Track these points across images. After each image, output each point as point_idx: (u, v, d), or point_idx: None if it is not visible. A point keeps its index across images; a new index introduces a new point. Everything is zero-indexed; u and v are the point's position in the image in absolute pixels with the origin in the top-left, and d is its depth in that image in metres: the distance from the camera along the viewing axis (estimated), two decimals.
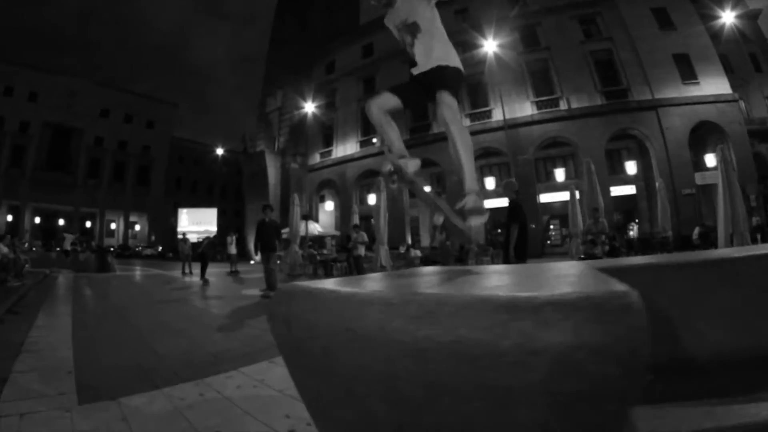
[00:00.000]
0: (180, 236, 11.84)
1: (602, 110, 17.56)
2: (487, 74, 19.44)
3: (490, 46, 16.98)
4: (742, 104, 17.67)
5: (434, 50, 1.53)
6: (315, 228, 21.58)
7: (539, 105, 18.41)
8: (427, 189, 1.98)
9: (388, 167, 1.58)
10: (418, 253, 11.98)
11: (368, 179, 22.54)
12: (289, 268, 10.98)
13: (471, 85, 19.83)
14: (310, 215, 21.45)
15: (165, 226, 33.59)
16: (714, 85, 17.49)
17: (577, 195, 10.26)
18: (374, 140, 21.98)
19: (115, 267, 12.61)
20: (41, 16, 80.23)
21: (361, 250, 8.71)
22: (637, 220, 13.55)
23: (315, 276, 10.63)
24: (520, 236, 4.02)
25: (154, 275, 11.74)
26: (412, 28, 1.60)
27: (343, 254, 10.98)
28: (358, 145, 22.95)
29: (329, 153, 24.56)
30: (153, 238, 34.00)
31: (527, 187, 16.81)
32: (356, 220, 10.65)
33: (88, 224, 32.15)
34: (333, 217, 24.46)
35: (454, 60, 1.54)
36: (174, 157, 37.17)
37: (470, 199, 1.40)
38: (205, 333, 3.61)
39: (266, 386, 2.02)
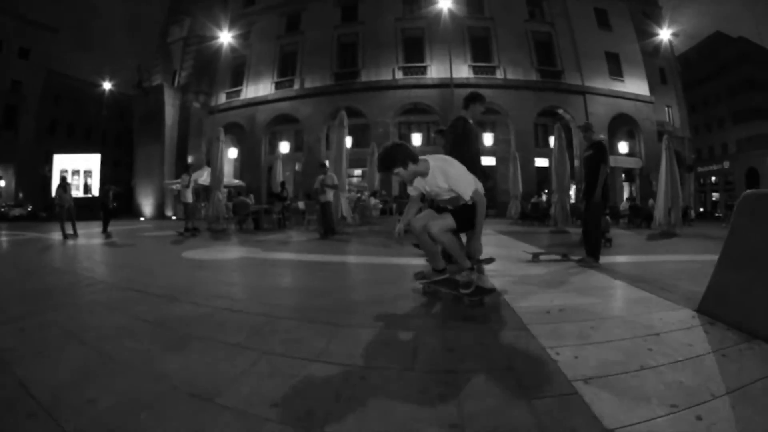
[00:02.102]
0: (60, 181, 8.61)
1: (536, 85, 17.37)
2: (426, 30, 18.19)
3: (444, 3, 15.92)
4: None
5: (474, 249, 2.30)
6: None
7: (476, 70, 17.53)
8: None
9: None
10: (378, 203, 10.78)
11: (282, 125, 19.36)
12: (211, 221, 9.51)
13: (409, 38, 18.35)
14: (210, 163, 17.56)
15: (36, 180, 26.34)
16: (635, 85, 18.72)
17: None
18: (295, 83, 19.06)
19: None
20: None
21: (330, 195, 7.29)
22: (546, 190, 13.94)
23: (241, 231, 9.22)
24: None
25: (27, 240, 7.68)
26: (453, 202, 2.28)
27: (278, 204, 10.19)
28: (273, 86, 19.69)
29: (237, 93, 20.82)
30: (21, 195, 26.58)
31: (458, 147, 15.44)
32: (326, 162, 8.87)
33: None
34: (233, 167, 20.60)
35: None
36: (48, 96, 29.49)
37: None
38: None
39: None
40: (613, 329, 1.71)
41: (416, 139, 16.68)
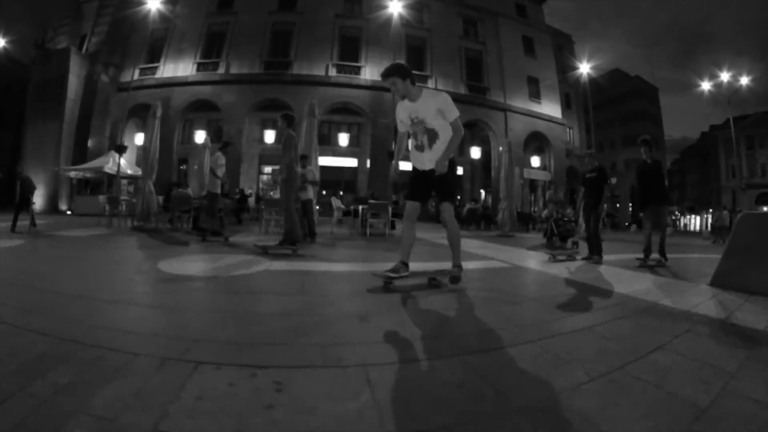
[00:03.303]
0: None
1: (464, 98, 18.57)
2: (364, 30, 18.46)
3: (394, 7, 16.31)
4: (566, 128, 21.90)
5: (442, 160, 2.51)
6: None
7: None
8: None
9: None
10: (341, 204, 10.16)
11: (198, 112, 18.00)
12: (139, 218, 8.20)
13: (346, 36, 18.42)
14: (122, 147, 15.56)
15: None
16: (550, 107, 21.20)
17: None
18: (220, 66, 17.87)
19: None
20: None
21: (311, 193, 6.37)
22: (475, 198, 15.35)
23: (174, 230, 7.89)
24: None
25: None
26: (430, 134, 2.58)
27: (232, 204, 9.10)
28: (195, 67, 18.24)
29: (153, 71, 18.85)
30: None
31: (382, 152, 15.96)
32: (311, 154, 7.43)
33: None
34: (136, 154, 18.61)
35: (452, 169, 2.66)
36: None
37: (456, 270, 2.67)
38: None
39: None
40: (679, 296, 2.59)
41: (343, 139, 16.74)
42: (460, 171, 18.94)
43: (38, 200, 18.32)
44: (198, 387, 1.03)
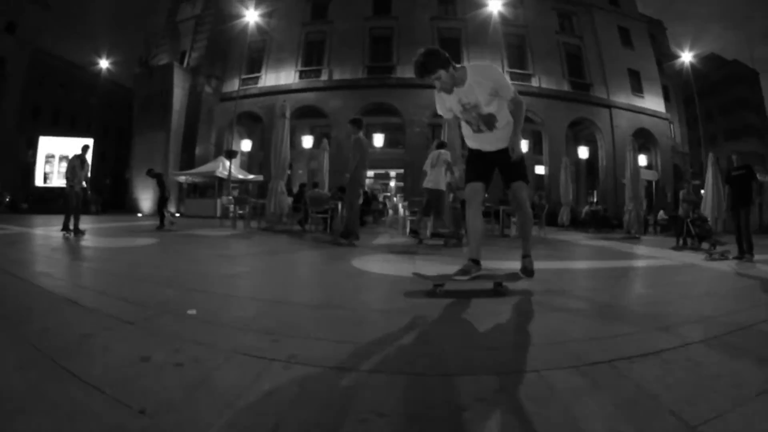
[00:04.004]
0: (81, 151, 6.36)
1: (568, 96, 18.07)
2: (463, 31, 18.39)
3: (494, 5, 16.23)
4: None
5: (516, 140, 2.23)
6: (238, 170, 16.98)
7: (513, 76, 17.94)
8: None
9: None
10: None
11: (303, 119, 18.72)
12: (271, 219, 8.22)
13: (445, 38, 18.43)
14: (233, 152, 16.70)
15: (15, 168, 23.94)
16: (653, 102, 20.08)
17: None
18: (323, 73, 18.52)
19: None
20: None
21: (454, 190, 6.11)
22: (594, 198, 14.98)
23: (304, 231, 7.87)
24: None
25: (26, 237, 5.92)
26: (487, 119, 2.21)
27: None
28: (297, 75, 19.00)
29: (255, 80, 19.86)
30: None
31: None
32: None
33: None
34: (241, 160, 19.77)
35: (523, 149, 2.33)
36: (34, 78, 26.53)
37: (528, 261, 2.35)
38: None
39: None
40: None
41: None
42: (539, 170, 18.29)
43: (146, 203, 20.12)
44: None
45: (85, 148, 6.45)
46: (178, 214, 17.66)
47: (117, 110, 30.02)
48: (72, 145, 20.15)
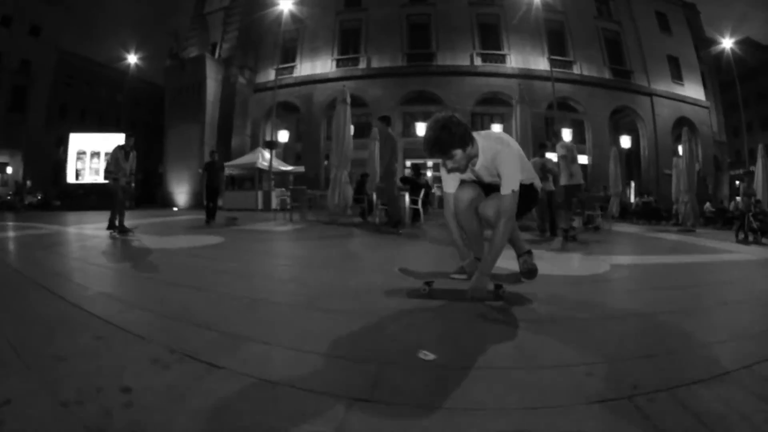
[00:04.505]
0: (125, 141, 5.81)
1: (610, 84, 17.93)
2: (502, 17, 18.19)
3: None
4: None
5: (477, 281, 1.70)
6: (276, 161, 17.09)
7: (554, 63, 17.81)
8: None
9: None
10: None
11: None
12: (335, 212, 7.78)
13: (484, 24, 18.27)
14: (273, 143, 16.80)
15: (46, 166, 24.75)
16: (693, 90, 19.87)
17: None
18: (360, 61, 18.51)
19: None
20: None
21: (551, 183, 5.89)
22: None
23: (365, 223, 7.40)
24: None
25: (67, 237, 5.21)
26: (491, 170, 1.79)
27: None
28: (334, 63, 19.02)
29: (290, 70, 19.90)
30: (29, 183, 24.62)
31: (536, 142, 15.90)
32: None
33: None
34: (276, 151, 19.94)
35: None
36: (60, 78, 27.31)
37: (482, 279, 1.68)
38: None
39: None
40: None
41: (495, 129, 16.69)
42: (582, 159, 18.24)
43: (181, 197, 20.41)
44: None
45: (129, 138, 5.80)
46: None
47: (144, 106, 30.56)
48: (102, 142, 20.18)
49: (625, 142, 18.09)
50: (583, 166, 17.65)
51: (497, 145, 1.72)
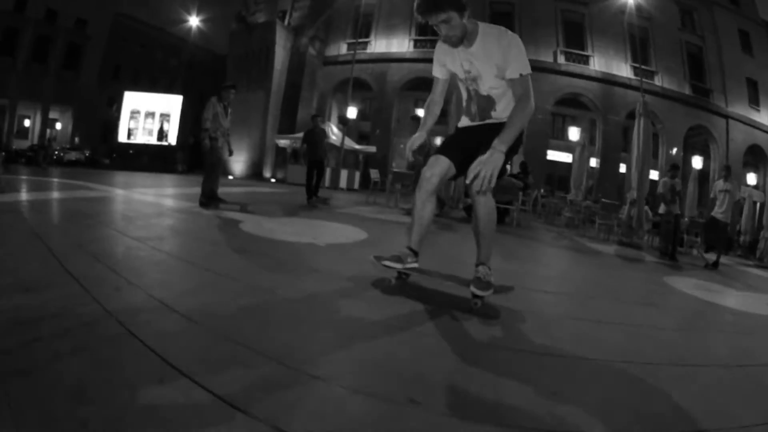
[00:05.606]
0: (218, 101, 4.71)
1: (689, 100, 17.77)
2: (587, 17, 17.96)
3: None
4: None
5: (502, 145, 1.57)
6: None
7: (636, 71, 17.63)
8: None
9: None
10: None
11: (416, 91, 18.76)
12: (446, 204, 7.22)
13: (568, 21, 18.05)
14: (347, 119, 16.71)
15: (95, 124, 25.50)
16: None
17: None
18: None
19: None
20: None
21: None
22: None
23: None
24: None
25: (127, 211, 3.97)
26: (485, 102, 1.80)
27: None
28: (411, 44, 18.94)
29: (364, 46, 19.79)
30: (77, 139, 25.14)
31: (612, 151, 15.98)
32: None
33: None
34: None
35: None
36: (116, 38, 27.61)
37: (483, 270, 1.76)
38: None
39: None
40: None
41: (573, 133, 16.58)
42: (653, 175, 18.23)
43: (238, 166, 20.34)
44: None
45: (228, 90, 4.77)
46: (273, 180, 17.92)
47: (198, 72, 30.59)
48: (158, 102, 20.00)
49: (697, 162, 17.98)
50: (653, 181, 17.85)
51: (502, 29, 1.66)
